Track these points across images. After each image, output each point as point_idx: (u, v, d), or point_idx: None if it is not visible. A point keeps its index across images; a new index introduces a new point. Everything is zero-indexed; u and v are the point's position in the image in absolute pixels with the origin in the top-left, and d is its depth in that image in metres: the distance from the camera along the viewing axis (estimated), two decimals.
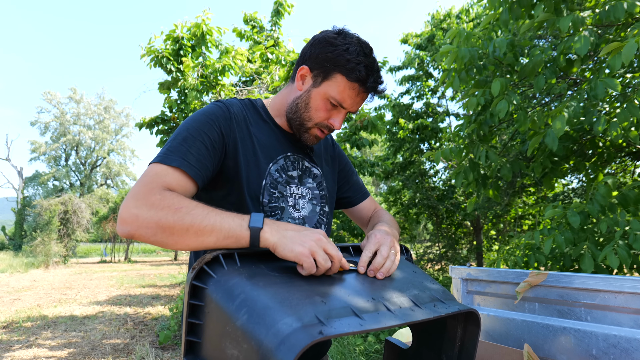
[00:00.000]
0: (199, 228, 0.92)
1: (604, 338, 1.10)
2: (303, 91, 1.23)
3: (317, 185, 1.36)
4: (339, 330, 0.73)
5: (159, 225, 0.92)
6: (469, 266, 1.61)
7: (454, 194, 9.82)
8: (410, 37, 10.17)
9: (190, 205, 0.95)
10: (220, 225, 0.93)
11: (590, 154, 3.76)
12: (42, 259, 17.46)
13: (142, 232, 0.93)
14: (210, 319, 0.82)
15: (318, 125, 1.24)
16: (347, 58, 1.14)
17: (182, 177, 1.03)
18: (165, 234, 0.92)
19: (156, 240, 0.94)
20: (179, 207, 0.93)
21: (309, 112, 1.22)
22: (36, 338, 5.91)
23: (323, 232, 0.96)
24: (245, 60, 6.10)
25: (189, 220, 0.92)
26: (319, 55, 1.18)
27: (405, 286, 1.02)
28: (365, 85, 1.17)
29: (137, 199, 0.95)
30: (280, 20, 7.19)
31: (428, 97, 10.00)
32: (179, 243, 0.94)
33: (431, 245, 11.64)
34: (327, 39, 1.19)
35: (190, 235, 0.92)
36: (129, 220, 0.93)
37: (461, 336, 1.15)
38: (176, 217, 0.92)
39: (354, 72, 1.14)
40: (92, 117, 36.52)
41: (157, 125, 6.25)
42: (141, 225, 0.92)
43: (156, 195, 0.95)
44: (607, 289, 1.16)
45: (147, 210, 0.93)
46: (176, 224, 0.92)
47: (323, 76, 1.18)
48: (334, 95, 1.17)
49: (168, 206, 0.93)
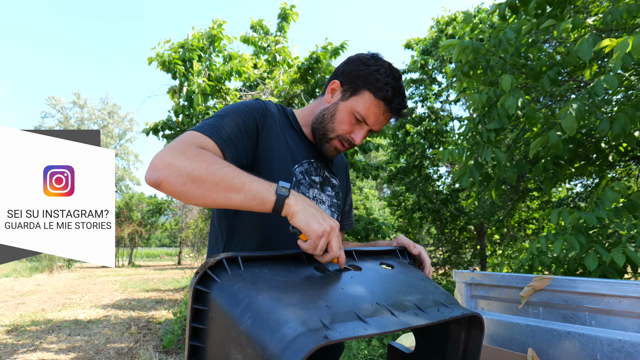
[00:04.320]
0: (230, 184, 0.96)
1: (609, 342, 1.09)
2: (331, 103, 1.29)
3: (334, 195, 1.42)
4: (344, 334, 0.73)
5: (190, 175, 0.95)
6: (472, 270, 1.61)
7: (457, 198, 9.80)
8: (414, 42, 10.18)
9: (224, 163, 0.99)
10: (250, 185, 0.96)
11: (594, 157, 3.75)
12: (46, 263, 17.49)
13: (171, 179, 0.95)
14: (214, 324, 0.82)
15: (339, 138, 1.29)
16: (376, 77, 1.21)
17: (213, 147, 1.07)
18: (195, 185, 0.95)
19: (184, 190, 0.96)
20: (213, 162, 0.97)
21: (333, 123, 1.28)
22: (40, 342, 5.92)
23: (338, 224, 0.99)
24: (251, 65, 6.14)
25: (220, 175, 0.96)
26: (351, 72, 1.26)
27: (409, 291, 1.02)
28: (390, 105, 1.23)
29: (173, 150, 0.98)
30: (287, 26, 7.23)
31: (432, 101, 10.01)
32: (205, 196, 0.97)
33: (435, 250, 11.61)
34: (360, 59, 1.27)
35: (219, 189, 0.96)
36: (161, 167, 0.96)
37: (465, 340, 1.15)
38: (209, 170, 0.95)
39: (382, 91, 1.21)
40: (96, 122, 36.64)
41: (162, 130, 6.29)
42: (172, 173, 0.95)
43: (193, 149, 0.99)
44: (611, 294, 1.16)
45: (181, 160, 0.96)
46: (208, 176, 0.95)
47: (352, 91, 1.25)
48: (360, 110, 1.23)
49: (203, 160, 0.97)
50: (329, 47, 6.13)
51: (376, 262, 1.17)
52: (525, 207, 8.90)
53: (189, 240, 24.74)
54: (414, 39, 10.22)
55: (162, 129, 6.25)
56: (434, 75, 9.85)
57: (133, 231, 23.57)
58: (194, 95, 5.62)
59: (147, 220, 24.22)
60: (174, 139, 1.25)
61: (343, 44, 6.28)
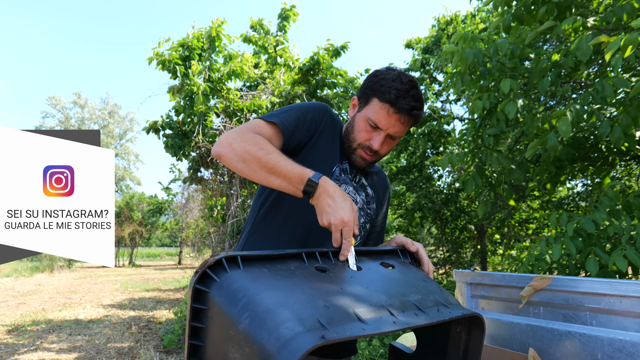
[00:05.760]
0: (272, 169, 1.16)
1: (609, 342, 1.09)
2: (352, 117, 1.43)
3: (367, 202, 1.50)
4: (341, 334, 0.73)
5: (242, 156, 1.17)
6: (473, 270, 1.61)
7: (458, 197, 9.79)
8: (414, 42, 10.17)
9: (270, 149, 1.18)
10: (287, 172, 1.15)
11: (595, 158, 3.74)
12: (47, 263, 17.51)
13: (229, 155, 1.19)
14: (213, 323, 0.82)
15: (361, 146, 1.38)
16: (381, 84, 1.32)
17: (274, 130, 1.29)
18: (245, 164, 1.18)
19: (237, 166, 1.19)
20: (261, 147, 1.17)
21: (353, 133, 1.40)
22: (41, 342, 5.92)
23: (355, 215, 1.12)
24: (252, 65, 6.14)
25: (264, 160, 1.16)
26: (364, 85, 1.39)
27: (408, 290, 1.02)
28: (395, 106, 1.30)
29: (236, 132, 1.22)
30: (287, 26, 7.23)
31: (433, 101, 9.99)
32: (252, 175, 1.19)
33: (435, 249, 11.60)
34: (373, 72, 1.39)
35: (263, 171, 1.17)
36: (225, 144, 1.20)
37: (465, 340, 1.14)
38: (257, 155, 1.16)
39: (385, 95, 1.30)
40: (97, 121, 36.65)
41: (163, 130, 6.29)
42: (230, 151, 1.19)
43: (250, 134, 1.21)
44: (612, 293, 1.15)
45: (240, 141, 1.19)
46: (255, 159, 1.16)
47: (364, 102, 1.37)
48: (371, 117, 1.33)
49: (255, 143, 1.18)
50: (330, 48, 6.13)
51: (377, 261, 1.17)
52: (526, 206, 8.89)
53: (189, 240, 24.74)
54: (415, 39, 10.21)
55: (163, 128, 6.25)
56: (435, 74, 9.84)
57: (133, 231, 23.58)
58: (195, 95, 5.62)
59: (148, 220, 24.24)
60: (176, 138, 1.43)
61: (344, 44, 6.28)
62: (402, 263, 1.22)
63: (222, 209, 7.62)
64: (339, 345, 1.40)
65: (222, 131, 6.10)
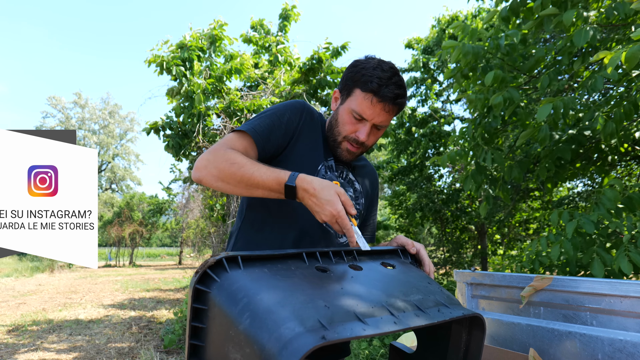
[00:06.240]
0: (249, 181, 1.16)
1: (610, 342, 1.09)
2: (334, 110, 1.41)
3: (355, 197, 1.49)
4: (342, 335, 0.73)
5: (218, 175, 1.18)
6: (473, 270, 1.61)
7: (459, 197, 9.79)
8: (414, 42, 10.17)
9: (243, 160, 1.18)
10: (264, 180, 1.14)
11: (595, 157, 3.74)
12: (47, 263, 17.51)
13: (207, 177, 1.19)
14: (214, 323, 0.82)
15: (347, 139, 1.36)
16: (362, 73, 1.29)
17: (247, 141, 1.27)
18: (224, 181, 1.18)
19: (218, 186, 1.19)
20: (234, 161, 1.17)
21: (338, 126, 1.37)
22: (42, 342, 5.92)
23: (345, 197, 1.11)
24: (252, 65, 6.13)
25: (239, 174, 1.16)
26: (344, 77, 1.37)
27: (409, 291, 1.02)
28: (378, 95, 1.27)
29: (209, 153, 1.22)
30: (288, 26, 7.23)
31: (433, 101, 9.99)
32: (235, 191, 1.19)
33: (436, 249, 11.60)
34: (352, 63, 1.36)
35: (242, 186, 1.17)
36: (201, 167, 1.20)
37: (466, 341, 1.14)
38: (231, 169, 1.16)
39: (367, 84, 1.27)
40: (97, 121, 36.65)
41: (163, 130, 6.29)
42: (207, 173, 1.19)
43: (222, 150, 1.21)
44: (612, 293, 1.15)
45: (213, 161, 1.19)
46: (231, 176, 1.16)
47: (347, 94, 1.34)
48: (355, 108, 1.31)
49: (226, 159, 1.18)
50: (330, 48, 6.12)
51: (377, 262, 1.17)
52: (527, 206, 8.89)
53: (189, 240, 24.73)
54: (415, 39, 10.21)
55: (163, 128, 6.25)
56: (435, 75, 9.83)
57: (134, 231, 23.59)
58: (195, 95, 5.62)
59: (148, 220, 24.24)
60: (176, 139, 1.46)
61: (345, 44, 6.28)
62: (402, 263, 1.22)
63: (222, 209, 7.62)
64: (335, 345, 1.40)
65: (223, 131, 6.10)
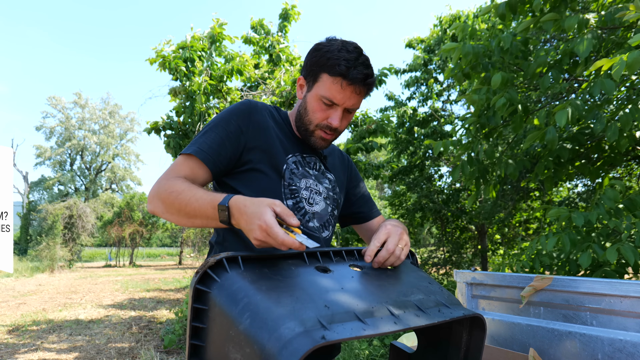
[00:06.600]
0: (187, 212, 1.10)
1: (610, 342, 1.09)
2: (302, 98, 1.34)
3: (331, 188, 1.43)
4: (342, 335, 0.73)
5: (163, 206, 1.14)
6: (473, 270, 1.61)
7: (459, 197, 9.79)
8: (415, 42, 10.17)
9: (180, 187, 1.12)
10: (199, 210, 1.07)
11: (595, 157, 3.74)
12: (47, 263, 17.50)
13: (157, 210, 1.16)
14: (214, 323, 0.82)
15: (319, 127, 1.31)
16: (327, 57, 1.23)
17: (194, 163, 1.22)
18: (170, 213, 1.14)
19: (169, 218, 1.15)
20: (172, 191, 1.12)
21: (308, 115, 1.31)
22: (42, 342, 5.92)
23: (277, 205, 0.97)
24: (252, 65, 6.13)
25: (177, 205, 1.11)
26: (308, 63, 1.30)
27: (409, 291, 1.02)
28: (347, 78, 1.22)
29: (156, 183, 1.18)
30: (288, 26, 7.23)
31: (434, 100, 9.99)
32: (181, 222, 1.14)
33: (436, 250, 11.61)
34: (314, 47, 1.30)
35: (183, 216, 1.12)
36: (150, 200, 1.18)
37: (466, 341, 1.14)
38: (170, 199, 1.11)
39: (334, 68, 1.22)
40: (97, 121, 36.61)
41: (164, 130, 6.29)
42: (155, 206, 1.16)
43: (164, 180, 1.17)
44: (612, 293, 1.15)
45: (156, 193, 1.15)
46: (172, 205, 1.12)
47: (313, 80, 1.28)
48: (324, 94, 1.25)
49: (166, 189, 1.13)
50: None
51: None
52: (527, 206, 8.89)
53: (190, 240, 24.76)
54: (416, 39, 10.21)
55: (164, 129, 6.25)
56: (435, 74, 9.83)
57: (134, 231, 23.58)
58: (196, 95, 5.62)
59: (148, 220, 24.23)
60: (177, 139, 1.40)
61: None
62: (402, 263, 1.22)
63: None
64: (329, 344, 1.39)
65: None
